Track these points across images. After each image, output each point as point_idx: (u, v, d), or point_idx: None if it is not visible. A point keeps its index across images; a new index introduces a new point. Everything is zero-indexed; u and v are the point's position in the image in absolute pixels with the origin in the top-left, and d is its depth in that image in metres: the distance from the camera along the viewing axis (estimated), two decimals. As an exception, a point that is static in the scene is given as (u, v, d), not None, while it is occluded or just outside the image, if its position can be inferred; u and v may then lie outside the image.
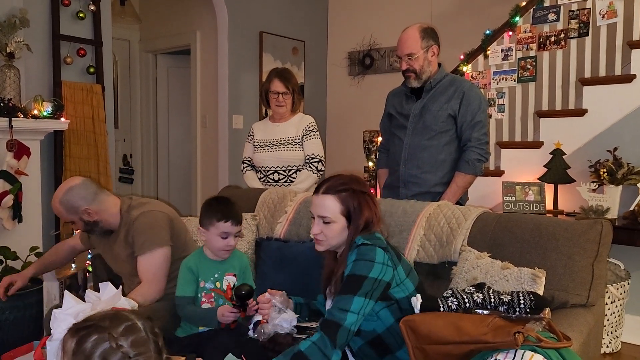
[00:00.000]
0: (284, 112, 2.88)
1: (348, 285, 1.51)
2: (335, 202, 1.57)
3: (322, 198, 1.59)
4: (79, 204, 2.03)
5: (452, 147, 2.45)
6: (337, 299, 1.51)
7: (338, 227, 1.58)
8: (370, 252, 1.52)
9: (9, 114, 2.91)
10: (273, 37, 4.99)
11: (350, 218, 1.57)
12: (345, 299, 1.48)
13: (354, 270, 1.51)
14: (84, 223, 2.07)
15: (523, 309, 1.41)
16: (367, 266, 1.51)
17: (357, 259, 1.52)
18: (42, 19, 3.40)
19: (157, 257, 2.03)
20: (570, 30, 3.34)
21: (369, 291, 1.49)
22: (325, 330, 1.46)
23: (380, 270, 1.52)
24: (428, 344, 1.41)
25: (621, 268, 2.95)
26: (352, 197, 1.57)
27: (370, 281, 1.50)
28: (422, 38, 2.39)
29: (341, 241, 1.61)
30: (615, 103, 3.14)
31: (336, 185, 1.59)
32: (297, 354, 1.44)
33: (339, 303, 1.49)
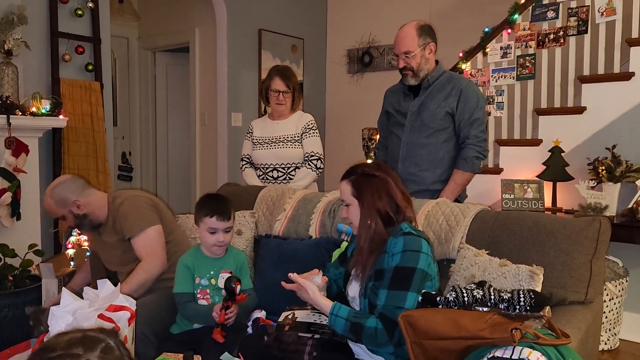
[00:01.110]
0: (283, 110, 2.88)
1: (400, 279, 1.54)
2: (347, 186, 1.68)
3: (340, 184, 1.71)
4: (68, 196, 2.14)
5: (450, 145, 2.45)
6: (389, 294, 1.53)
7: (355, 209, 1.66)
8: (416, 242, 1.57)
9: (7, 111, 2.91)
10: (272, 34, 4.98)
11: (361, 199, 1.65)
12: (400, 296, 1.53)
13: (403, 262, 1.55)
14: (74, 217, 2.16)
15: (523, 306, 1.41)
16: (414, 257, 1.55)
17: (405, 250, 1.56)
18: (40, 16, 3.39)
19: (150, 234, 2.11)
20: (569, 28, 3.34)
21: (419, 284, 1.55)
22: (385, 325, 1.51)
23: (426, 261, 1.57)
24: (426, 339, 1.41)
25: (619, 265, 2.96)
26: (361, 179, 1.66)
27: (420, 273, 1.55)
28: (419, 36, 2.38)
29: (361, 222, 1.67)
30: (614, 101, 3.14)
31: (348, 171, 1.72)
32: (358, 325, 1.54)
33: (393, 300, 1.52)
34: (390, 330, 1.51)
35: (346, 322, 1.56)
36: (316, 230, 2.30)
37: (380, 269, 1.61)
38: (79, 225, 2.23)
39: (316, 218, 2.32)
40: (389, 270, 1.57)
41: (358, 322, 1.55)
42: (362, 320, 1.55)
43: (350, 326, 1.55)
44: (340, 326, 1.57)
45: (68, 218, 2.18)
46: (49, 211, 2.20)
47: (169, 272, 2.13)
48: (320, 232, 2.29)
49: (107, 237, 2.21)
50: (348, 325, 1.55)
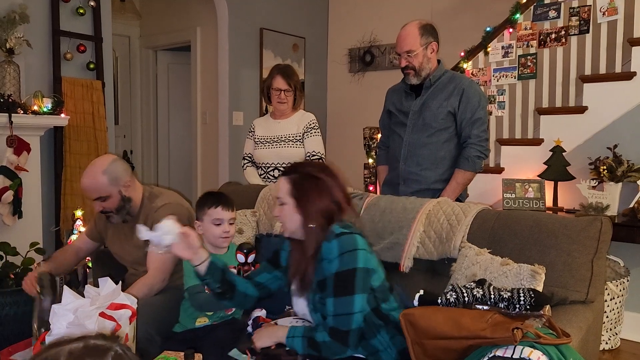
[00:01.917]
0: (285, 109, 2.88)
1: (342, 284, 1.50)
2: (286, 183, 1.59)
3: (278, 180, 1.63)
4: (122, 174, 2.09)
5: (452, 144, 2.45)
6: (335, 302, 1.49)
7: (288, 210, 1.58)
8: (350, 241, 1.52)
9: (8, 109, 2.91)
10: (273, 33, 4.98)
11: (300, 202, 1.56)
12: (346, 302, 1.49)
13: (342, 266, 1.50)
14: (121, 197, 2.09)
15: (523, 305, 1.42)
16: (353, 257, 1.50)
17: (341, 253, 1.50)
18: (42, 15, 3.39)
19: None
20: (571, 28, 3.34)
21: (363, 284, 1.51)
22: (336, 338, 1.49)
23: (364, 257, 1.53)
24: (427, 338, 1.41)
25: (620, 265, 2.96)
26: (304, 181, 1.58)
27: (361, 272, 1.51)
28: (421, 35, 2.38)
29: (295, 226, 1.59)
30: (615, 100, 3.14)
31: (290, 168, 1.64)
32: (311, 340, 1.52)
33: (341, 307, 1.49)
34: (343, 339, 1.49)
35: (302, 339, 1.53)
36: (317, 229, 2.30)
37: (322, 279, 1.56)
38: (120, 209, 2.12)
39: (317, 217, 2.32)
40: (330, 277, 1.52)
41: (310, 336, 1.53)
42: (313, 334, 1.52)
43: (307, 343, 1.53)
44: (299, 346, 1.54)
45: (114, 199, 2.09)
46: (95, 189, 2.07)
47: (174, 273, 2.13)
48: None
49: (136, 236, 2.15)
50: (305, 342, 1.53)
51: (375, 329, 1.55)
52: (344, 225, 1.58)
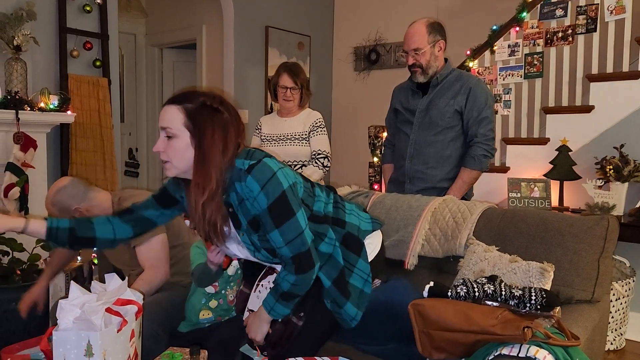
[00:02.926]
0: (291, 106, 2.88)
1: (279, 213, 1.40)
2: (178, 113, 1.38)
3: (165, 108, 1.40)
4: (69, 203, 2.08)
5: (458, 143, 2.45)
6: (281, 231, 1.41)
7: (181, 145, 1.38)
8: (264, 168, 1.39)
9: (15, 106, 2.93)
10: (279, 31, 4.99)
11: (196, 135, 1.37)
12: (291, 225, 1.41)
13: (270, 198, 1.38)
14: None
15: (534, 305, 1.41)
16: (275, 183, 1.39)
17: (263, 185, 1.37)
18: (49, 12, 3.40)
19: (154, 245, 2.07)
20: (578, 26, 3.32)
21: (296, 200, 1.44)
22: (301, 266, 1.45)
23: (284, 175, 1.42)
24: (435, 329, 1.41)
25: (626, 265, 2.94)
26: (201, 110, 1.38)
27: (289, 191, 1.41)
28: (429, 33, 2.38)
29: (187, 165, 1.40)
30: (622, 99, 3.12)
31: (182, 95, 1.41)
32: (284, 294, 1.49)
33: (289, 233, 1.41)
34: (308, 259, 1.45)
35: (277, 302, 1.51)
36: (322, 227, 2.30)
37: (251, 219, 1.45)
38: None
39: (322, 215, 2.32)
40: (263, 214, 1.40)
41: (279, 292, 1.49)
42: (279, 290, 1.49)
43: (283, 301, 1.50)
44: (282, 310, 1.52)
45: None
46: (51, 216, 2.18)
47: (183, 275, 2.15)
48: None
49: None
50: (282, 302, 1.50)
51: (321, 235, 1.53)
52: (246, 155, 1.43)
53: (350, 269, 1.57)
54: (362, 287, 1.58)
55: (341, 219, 1.60)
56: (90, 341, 1.35)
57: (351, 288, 1.56)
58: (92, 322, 1.37)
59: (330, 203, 1.61)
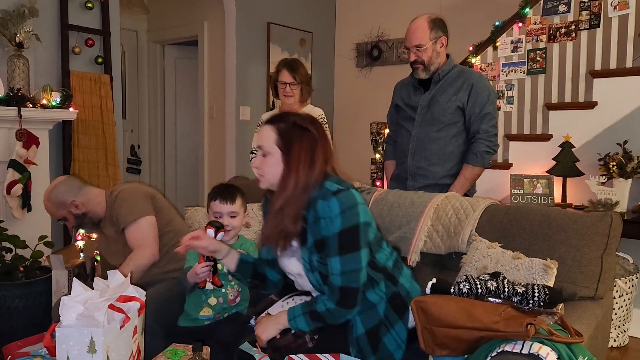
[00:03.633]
0: (292, 102, 2.88)
1: (348, 242, 1.46)
2: (272, 133, 1.51)
3: (262, 128, 1.55)
4: (65, 197, 2.18)
5: (460, 139, 2.44)
6: (342, 260, 1.46)
7: (273, 161, 1.51)
8: (349, 197, 1.47)
9: (18, 103, 2.93)
10: (281, 28, 4.97)
11: (286, 152, 1.49)
12: (353, 258, 1.46)
13: (345, 224, 1.45)
14: (74, 217, 2.21)
15: (537, 301, 1.40)
16: (354, 213, 1.47)
17: (343, 210, 1.45)
18: (51, 9, 3.40)
19: (142, 225, 2.14)
20: (581, 22, 3.30)
21: (366, 238, 1.49)
22: (344, 301, 1.47)
23: (364, 210, 1.50)
24: (438, 326, 1.41)
25: (630, 262, 2.94)
26: (293, 131, 1.50)
27: (364, 227, 1.49)
28: (431, 29, 2.37)
29: (276, 178, 1.52)
30: (625, 96, 3.11)
31: (277, 116, 1.55)
32: (314, 313, 1.51)
33: (349, 264, 1.46)
34: (353, 296, 1.48)
35: (304, 316, 1.52)
36: (324, 224, 2.29)
37: (319, 238, 1.50)
38: (80, 225, 2.27)
39: (325, 211, 2.32)
40: (332, 237, 1.46)
41: (311, 309, 1.51)
42: (313, 307, 1.51)
43: (309, 317, 1.51)
44: (303, 324, 1.52)
45: (69, 218, 2.23)
46: (50, 213, 2.26)
47: (176, 264, 2.15)
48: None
49: (107, 230, 2.25)
50: (307, 317, 1.51)
51: (374, 282, 1.55)
52: (337, 181, 1.53)
53: (388, 328, 1.56)
54: (393, 351, 1.56)
55: (395, 277, 1.61)
56: (93, 338, 1.35)
57: (382, 347, 1.55)
58: (94, 318, 1.37)
59: (392, 259, 1.63)
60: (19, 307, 2.45)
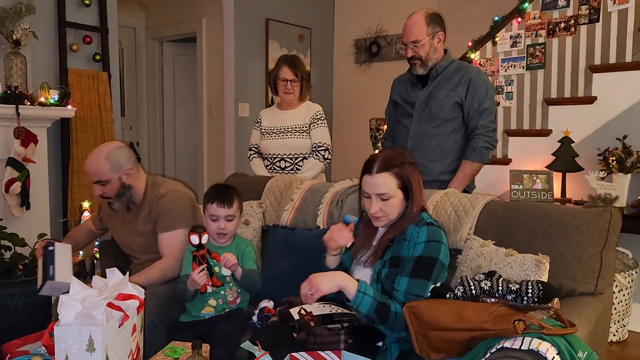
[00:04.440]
0: (291, 99, 2.87)
1: (424, 268, 1.57)
2: (391, 178, 1.63)
3: (377, 177, 1.63)
4: (124, 162, 2.12)
5: (459, 135, 2.43)
6: (410, 282, 1.56)
7: (397, 201, 1.64)
8: (438, 234, 1.61)
9: (15, 101, 2.92)
10: (279, 24, 4.96)
11: (406, 190, 1.64)
12: (422, 285, 1.56)
13: (426, 252, 1.58)
14: (120, 185, 2.12)
15: (531, 298, 1.40)
16: (437, 248, 1.59)
17: (428, 240, 1.59)
18: (48, 6, 3.39)
19: (179, 237, 2.10)
20: (581, 17, 3.29)
21: (437, 275, 1.59)
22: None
23: (445, 252, 1.61)
24: (430, 330, 1.41)
25: (629, 257, 2.94)
26: (404, 169, 1.64)
27: (439, 264, 1.59)
28: (428, 24, 2.35)
29: (399, 213, 1.66)
30: (625, 90, 3.10)
31: (387, 162, 1.64)
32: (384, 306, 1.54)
33: (415, 288, 1.55)
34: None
35: (373, 300, 1.54)
36: (324, 221, 2.30)
37: (397, 256, 1.62)
38: (118, 196, 2.14)
39: (324, 208, 2.32)
40: (410, 258, 1.59)
41: (385, 302, 1.55)
42: (388, 302, 1.55)
43: (377, 306, 1.53)
44: (366, 305, 1.53)
45: (113, 185, 2.10)
46: (96, 172, 2.09)
47: None
48: (327, 222, 2.28)
49: (142, 224, 2.17)
50: (375, 304, 1.53)
51: None
52: (430, 216, 1.68)
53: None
54: None
55: None
56: (92, 336, 1.34)
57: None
58: (93, 317, 1.37)
59: None
60: (19, 305, 2.45)
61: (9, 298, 2.44)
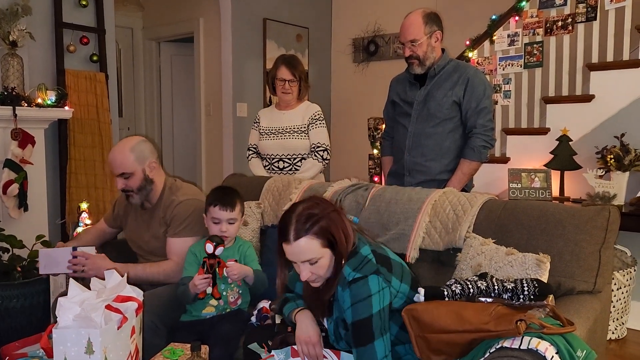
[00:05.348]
0: (290, 99, 2.86)
1: (360, 334, 1.43)
2: (313, 240, 1.45)
3: (296, 245, 1.46)
4: (147, 155, 2.14)
5: (457, 134, 2.43)
6: (359, 351, 1.43)
7: (326, 260, 1.48)
8: (363, 288, 1.43)
9: (12, 102, 2.92)
10: (277, 24, 4.95)
11: (332, 245, 1.48)
12: (368, 351, 1.42)
13: (356, 316, 1.43)
14: (144, 177, 2.13)
15: (527, 295, 1.41)
16: (366, 306, 1.42)
17: (353, 303, 1.43)
18: (45, 7, 3.38)
19: (187, 244, 2.10)
20: (578, 15, 3.29)
21: (381, 326, 1.44)
22: None
23: (379, 299, 1.44)
24: (430, 332, 1.40)
25: (627, 255, 2.94)
26: (323, 225, 1.46)
27: (377, 316, 1.43)
28: (426, 23, 2.35)
29: (329, 273, 1.52)
30: (622, 88, 3.10)
31: (304, 224, 1.46)
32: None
33: (364, 357, 1.43)
34: None
35: None
36: (322, 221, 2.29)
37: (343, 318, 1.52)
38: (140, 189, 2.14)
39: (322, 208, 2.31)
40: (349, 324, 1.46)
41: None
42: None
43: None
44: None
45: (137, 177, 2.11)
46: (121, 164, 2.09)
47: None
48: (326, 222, 2.28)
49: (156, 226, 2.19)
50: None
51: (403, 340, 1.53)
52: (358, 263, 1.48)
53: None
54: None
55: None
56: (90, 338, 1.34)
57: None
58: (92, 319, 1.36)
59: None
60: (17, 307, 2.45)
61: (7, 300, 2.43)
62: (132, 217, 2.30)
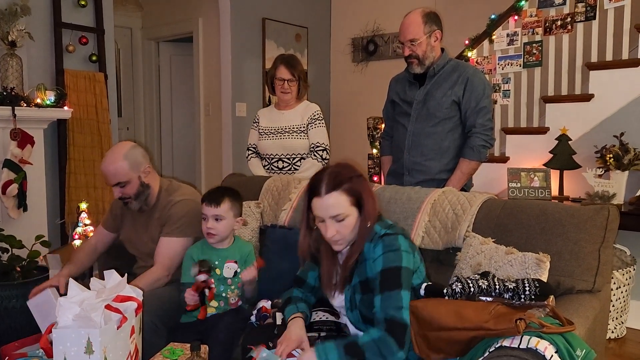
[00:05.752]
0: (289, 99, 2.86)
1: (390, 280, 1.47)
2: (343, 196, 1.52)
3: (327, 198, 1.51)
4: (142, 160, 2.13)
5: (457, 134, 2.43)
6: (383, 297, 1.46)
7: (352, 220, 1.54)
8: (395, 242, 1.52)
9: (12, 102, 2.92)
10: (276, 23, 4.95)
11: (360, 205, 1.54)
12: (396, 296, 1.45)
13: (387, 264, 1.49)
14: (140, 183, 2.12)
15: (528, 295, 1.41)
16: (398, 257, 1.50)
17: (385, 252, 1.50)
18: (44, 7, 3.38)
19: (177, 245, 2.10)
20: (577, 14, 3.29)
21: (408, 282, 1.49)
22: (392, 331, 1.41)
23: (407, 258, 1.52)
24: (430, 330, 1.40)
25: (627, 254, 2.94)
26: (354, 183, 1.54)
27: (405, 271, 1.49)
28: (425, 23, 2.35)
29: (356, 232, 1.57)
30: (622, 88, 3.10)
31: (335, 179, 1.53)
32: (352, 344, 1.42)
33: (392, 301, 1.45)
34: (397, 335, 1.41)
35: (338, 350, 1.42)
36: (322, 220, 2.29)
37: (365, 279, 1.55)
38: (138, 195, 2.13)
39: (322, 208, 2.31)
40: (375, 276, 1.50)
41: (351, 341, 1.44)
42: (354, 339, 1.45)
43: (345, 350, 1.42)
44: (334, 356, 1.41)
45: (133, 185, 2.10)
46: (116, 174, 2.07)
47: None
48: (326, 221, 2.28)
49: (153, 229, 2.17)
50: (342, 350, 1.41)
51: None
52: (386, 224, 1.58)
53: None
54: None
55: None
56: (90, 338, 1.34)
57: None
58: (91, 319, 1.36)
59: None
60: (17, 307, 2.44)
61: (6, 300, 2.43)
62: (129, 219, 2.28)
